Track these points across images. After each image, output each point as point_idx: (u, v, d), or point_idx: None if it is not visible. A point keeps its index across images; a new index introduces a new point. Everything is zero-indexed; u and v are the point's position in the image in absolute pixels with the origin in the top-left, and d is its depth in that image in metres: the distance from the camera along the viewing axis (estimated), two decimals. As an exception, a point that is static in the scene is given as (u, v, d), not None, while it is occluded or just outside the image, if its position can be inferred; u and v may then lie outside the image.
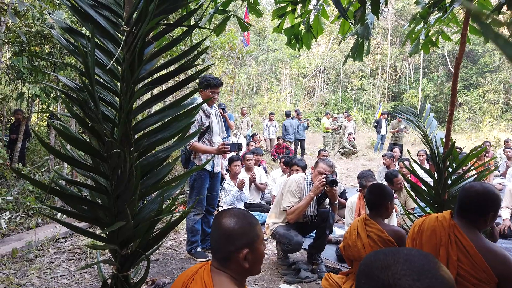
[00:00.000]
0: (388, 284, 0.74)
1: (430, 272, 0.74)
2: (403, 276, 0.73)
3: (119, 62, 1.83)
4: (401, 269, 0.75)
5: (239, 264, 1.35)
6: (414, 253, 0.78)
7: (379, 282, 0.75)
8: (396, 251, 0.80)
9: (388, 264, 0.77)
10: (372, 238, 2.47)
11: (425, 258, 0.77)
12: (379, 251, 0.82)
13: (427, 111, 3.24)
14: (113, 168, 1.70)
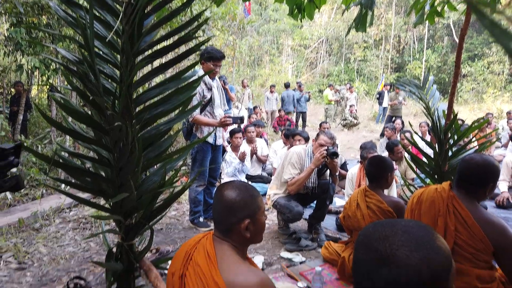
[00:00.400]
0: (386, 254, 0.76)
1: (427, 243, 0.76)
2: (401, 246, 0.75)
3: (119, 34, 1.81)
4: (398, 240, 0.77)
5: (241, 234, 1.39)
6: (412, 225, 0.80)
7: (377, 252, 0.77)
8: (394, 223, 0.81)
9: (386, 235, 0.79)
10: (371, 209, 2.52)
11: (423, 229, 0.79)
12: (377, 223, 0.84)
13: (430, 83, 3.22)
14: (115, 141, 1.72)
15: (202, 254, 1.39)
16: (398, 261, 0.74)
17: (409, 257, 0.74)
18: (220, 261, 1.34)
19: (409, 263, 0.73)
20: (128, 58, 1.65)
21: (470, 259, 1.89)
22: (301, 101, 11.94)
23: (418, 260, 0.73)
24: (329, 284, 2.52)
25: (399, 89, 11.30)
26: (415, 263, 0.73)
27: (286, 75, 22.18)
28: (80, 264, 2.97)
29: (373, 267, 0.76)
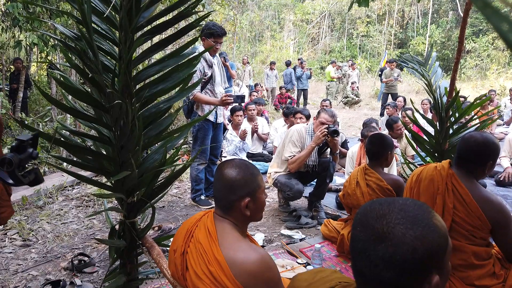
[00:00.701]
0: (383, 232, 0.77)
1: (423, 221, 0.77)
2: (397, 224, 0.76)
3: (117, 9, 1.77)
4: (395, 218, 0.78)
5: (241, 212, 1.40)
6: (409, 203, 0.81)
7: (374, 230, 0.78)
8: (391, 201, 0.82)
9: (383, 214, 0.79)
10: (371, 186, 2.53)
11: (419, 207, 0.80)
12: (375, 201, 0.85)
13: (432, 60, 3.17)
14: (115, 119, 1.71)
15: (203, 231, 1.41)
16: (394, 238, 0.75)
17: (405, 235, 0.75)
18: (220, 238, 1.37)
19: (404, 241, 0.74)
20: (126, 35, 1.63)
21: (467, 236, 1.91)
22: (303, 78, 11.83)
23: (413, 237, 0.74)
24: (328, 260, 2.57)
25: (393, 65, 11.10)
26: (410, 241, 0.74)
27: (288, 52, 21.90)
28: (83, 241, 3.02)
29: (370, 244, 0.78)
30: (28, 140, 1.00)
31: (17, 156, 0.97)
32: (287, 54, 20.73)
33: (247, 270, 1.27)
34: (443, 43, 23.03)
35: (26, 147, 1.00)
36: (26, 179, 1.00)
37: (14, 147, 0.98)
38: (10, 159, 0.94)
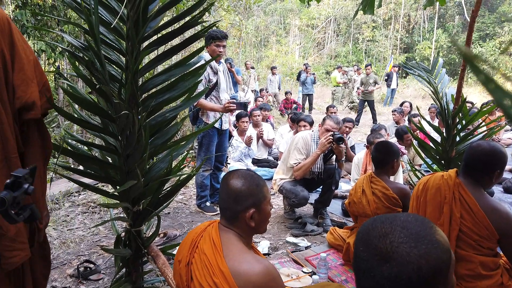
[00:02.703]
0: (387, 251, 0.76)
1: (426, 238, 0.76)
2: (401, 244, 0.76)
3: (124, 20, 1.79)
4: (398, 236, 0.77)
5: (246, 223, 1.40)
6: (410, 220, 0.80)
7: (377, 250, 0.78)
8: (393, 219, 0.81)
9: (385, 232, 0.79)
10: (377, 195, 2.52)
11: (421, 224, 0.79)
12: (376, 219, 0.84)
13: (439, 66, 3.16)
14: (122, 129, 1.72)
15: (208, 242, 1.41)
16: (399, 258, 0.75)
17: (409, 254, 0.74)
18: (225, 249, 1.37)
19: (409, 260, 0.74)
20: (133, 45, 1.64)
21: (474, 246, 1.90)
22: (307, 83, 11.80)
23: (418, 256, 0.74)
24: (333, 269, 2.55)
25: (369, 70, 10.82)
26: (415, 260, 0.74)
27: (293, 56, 21.91)
28: (89, 248, 3.03)
29: (374, 264, 0.77)
30: (24, 175, 0.98)
31: (11, 194, 0.95)
32: (293, 59, 20.74)
33: (251, 281, 1.27)
34: (450, 48, 22.92)
35: (22, 182, 0.97)
36: (21, 217, 0.97)
37: (9, 184, 0.96)
38: (2, 198, 0.92)
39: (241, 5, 11.14)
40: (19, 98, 1.15)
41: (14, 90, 1.15)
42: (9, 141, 1.13)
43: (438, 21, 23.26)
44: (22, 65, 1.17)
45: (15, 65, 1.16)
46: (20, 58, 1.17)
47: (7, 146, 1.13)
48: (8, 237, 1.13)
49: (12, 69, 1.15)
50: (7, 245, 1.13)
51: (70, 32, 5.00)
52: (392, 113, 6.15)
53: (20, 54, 1.17)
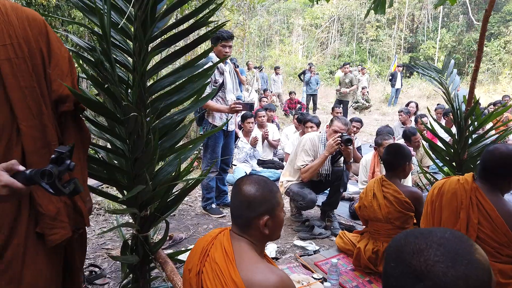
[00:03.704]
0: (420, 270, 0.70)
1: (465, 257, 0.70)
2: (437, 262, 0.70)
3: (131, 20, 1.74)
4: (434, 254, 0.71)
5: (259, 231, 1.35)
6: (447, 236, 0.74)
7: (410, 268, 0.72)
8: (428, 234, 0.75)
9: (420, 249, 0.73)
10: (388, 199, 2.46)
11: (460, 241, 0.73)
12: (409, 233, 0.78)
13: (450, 67, 3.10)
14: (130, 132, 1.67)
15: (219, 250, 1.36)
16: (434, 278, 0.69)
17: (446, 274, 0.68)
18: (238, 258, 1.31)
19: (445, 281, 0.68)
20: (141, 45, 1.59)
21: (493, 253, 1.83)
22: (311, 83, 11.72)
23: (455, 277, 0.68)
24: (344, 275, 2.50)
25: (347, 70, 10.44)
26: (451, 281, 0.68)
27: (297, 56, 21.84)
28: (94, 251, 2.99)
29: (406, 283, 0.71)
30: (66, 151, 1.02)
31: (56, 168, 1.00)
32: (296, 59, 20.67)
33: (266, 292, 1.22)
34: (454, 47, 22.80)
35: (64, 158, 1.02)
36: (67, 189, 1.01)
37: (54, 159, 1.01)
38: (50, 171, 0.97)
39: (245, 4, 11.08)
40: (55, 91, 1.25)
41: (51, 84, 1.25)
42: (49, 129, 1.23)
43: (442, 21, 23.12)
44: (57, 61, 1.27)
45: (51, 61, 1.26)
46: (56, 54, 1.27)
47: (48, 134, 1.23)
48: (48, 216, 1.21)
49: (49, 65, 1.25)
50: (47, 223, 1.21)
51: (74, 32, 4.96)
52: (399, 113, 6.08)
53: (56, 51, 1.27)
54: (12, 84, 1.14)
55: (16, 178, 0.98)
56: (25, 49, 1.17)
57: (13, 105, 1.15)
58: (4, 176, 0.96)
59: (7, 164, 0.98)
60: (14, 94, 1.14)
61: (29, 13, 1.23)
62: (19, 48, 1.15)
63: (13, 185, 0.96)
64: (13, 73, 1.14)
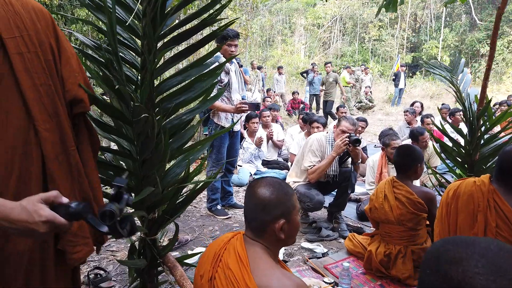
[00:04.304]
0: (457, 281, 0.65)
1: (509, 273, 0.64)
2: (476, 274, 0.64)
3: (139, 17, 1.69)
4: (474, 265, 0.66)
5: (275, 235, 1.30)
6: (493, 248, 0.68)
7: (446, 277, 0.67)
8: (470, 242, 0.70)
9: (459, 258, 0.67)
10: (400, 200, 2.40)
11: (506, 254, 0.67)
12: (449, 240, 0.73)
13: (460, 66, 3.04)
14: (138, 133, 1.62)
15: (232, 256, 1.31)
16: None
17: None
18: (252, 264, 1.26)
19: None
20: (150, 43, 1.54)
21: (511, 257, 1.78)
22: (315, 83, 11.65)
23: None
24: (355, 278, 2.44)
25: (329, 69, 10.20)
26: None
27: (299, 56, 21.79)
28: (99, 253, 2.94)
29: None
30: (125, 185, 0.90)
31: (117, 206, 0.87)
32: (298, 59, 20.61)
33: (282, 300, 1.17)
34: (457, 47, 22.71)
35: (123, 193, 0.89)
36: (124, 231, 0.89)
37: (114, 196, 0.88)
38: (112, 212, 0.85)
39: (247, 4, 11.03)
40: (69, 91, 1.11)
41: (64, 83, 1.12)
42: (67, 133, 1.10)
43: (445, 20, 23.04)
44: (68, 58, 1.14)
45: (61, 57, 1.13)
46: (65, 50, 1.14)
47: (66, 138, 1.10)
48: (70, 233, 1.09)
49: (60, 61, 1.12)
50: (69, 240, 1.09)
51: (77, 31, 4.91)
52: (404, 113, 6.02)
53: (65, 47, 1.14)
54: (26, 81, 1.00)
55: (57, 211, 0.84)
56: (36, 42, 1.04)
57: (29, 105, 1.01)
58: (45, 210, 0.82)
59: (47, 196, 0.85)
60: (30, 93, 1.01)
61: (34, 4, 1.10)
62: (30, 41, 1.02)
63: (55, 221, 0.83)
64: (26, 69, 1.01)
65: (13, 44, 0.99)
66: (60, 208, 0.85)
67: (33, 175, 1.03)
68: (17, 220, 0.80)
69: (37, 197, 0.84)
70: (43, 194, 0.85)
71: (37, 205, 0.82)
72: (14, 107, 0.99)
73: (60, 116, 1.07)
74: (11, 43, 0.98)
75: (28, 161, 1.02)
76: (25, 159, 1.01)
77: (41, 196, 0.84)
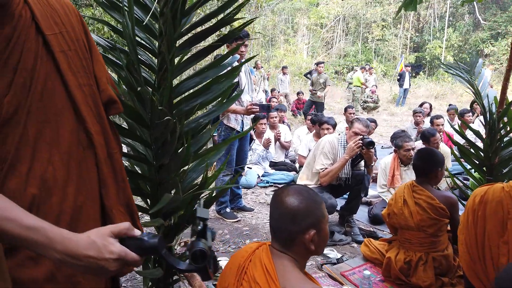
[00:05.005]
0: None
1: None
2: None
3: (156, 16, 1.62)
4: None
5: (305, 246, 1.23)
6: None
7: None
8: None
9: None
10: (421, 205, 2.33)
11: None
12: None
13: (478, 66, 2.97)
14: (156, 136, 1.55)
15: (259, 268, 1.24)
16: None
17: None
18: (281, 278, 1.19)
19: None
20: (170, 43, 1.47)
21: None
22: (319, 82, 11.56)
23: None
24: (374, 286, 2.37)
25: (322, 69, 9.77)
26: None
27: (301, 56, 21.71)
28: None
29: None
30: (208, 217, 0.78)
31: (204, 242, 0.74)
32: (301, 59, 20.53)
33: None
34: (460, 47, 22.60)
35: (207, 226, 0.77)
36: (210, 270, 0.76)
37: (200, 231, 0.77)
38: (203, 251, 0.74)
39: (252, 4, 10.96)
40: (104, 91, 1.02)
41: (98, 82, 1.03)
42: (109, 136, 1.03)
43: (449, 20, 22.93)
44: (98, 55, 1.05)
45: (93, 55, 1.04)
46: (94, 47, 1.05)
47: (109, 141, 1.03)
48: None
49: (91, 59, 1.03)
50: None
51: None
52: (415, 114, 5.93)
53: (93, 44, 1.05)
54: (73, 81, 0.93)
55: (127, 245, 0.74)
56: (74, 39, 0.96)
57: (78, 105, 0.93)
58: (116, 246, 0.72)
59: (119, 229, 0.74)
60: (77, 93, 0.93)
61: None
62: (69, 38, 0.95)
63: (127, 258, 0.73)
64: (70, 68, 0.93)
65: (56, 42, 0.91)
66: (130, 241, 0.75)
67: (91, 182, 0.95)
68: (84, 256, 0.69)
69: (107, 230, 0.74)
70: (113, 227, 0.75)
71: (108, 240, 0.72)
72: (63, 109, 0.91)
73: (103, 118, 1.00)
74: (54, 40, 0.90)
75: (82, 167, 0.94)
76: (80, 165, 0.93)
77: (112, 229, 0.74)
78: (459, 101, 13.13)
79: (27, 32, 0.84)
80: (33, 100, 0.83)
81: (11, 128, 0.80)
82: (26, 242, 0.65)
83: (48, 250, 0.66)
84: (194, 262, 0.73)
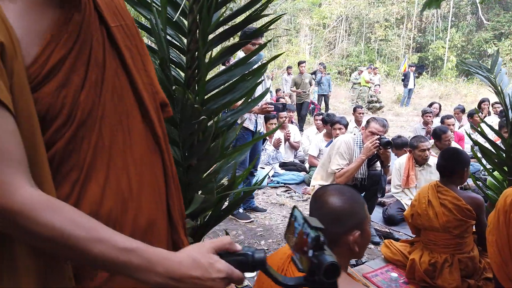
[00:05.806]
0: None
1: None
2: None
3: (184, 13, 1.59)
4: None
5: (348, 247, 1.19)
6: None
7: None
8: None
9: None
10: (446, 206, 2.29)
11: None
12: None
13: (498, 66, 2.93)
14: (185, 136, 1.52)
15: (301, 271, 1.20)
16: None
17: None
18: (325, 280, 1.15)
19: None
20: (204, 40, 1.43)
21: None
22: (323, 83, 11.52)
23: None
24: (399, 288, 2.34)
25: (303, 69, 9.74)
26: None
27: (304, 56, 21.65)
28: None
29: None
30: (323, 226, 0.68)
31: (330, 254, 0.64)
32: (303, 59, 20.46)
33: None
34: (463, 47, 22.56)
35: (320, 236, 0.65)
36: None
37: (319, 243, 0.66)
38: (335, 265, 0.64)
39: (256, 3, 10.91)
40: (158, 93, 0.92)
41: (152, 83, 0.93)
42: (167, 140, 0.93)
43: (451, 20, 22.90)
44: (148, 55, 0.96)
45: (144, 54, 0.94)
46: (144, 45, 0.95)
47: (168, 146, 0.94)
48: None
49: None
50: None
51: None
52: (426, 114, 5.88)
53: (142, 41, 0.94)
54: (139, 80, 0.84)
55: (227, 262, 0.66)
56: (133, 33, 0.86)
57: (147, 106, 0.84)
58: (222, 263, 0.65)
59: (223, 244, 0.67)
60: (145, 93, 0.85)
61: None
62: (129, 32, 0.84)
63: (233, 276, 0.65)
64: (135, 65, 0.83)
65: (120, 35, 0.81)
66: (230, 257, 0.67)
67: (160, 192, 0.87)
68: (189, 277, 0.61)
69: (209, 247, 0.66)
70: (214, 242, 0.67)
71: (212, 257, 0.65)
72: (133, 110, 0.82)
73: (162, 121, 0.91)
74: (118, 33, 0.80)
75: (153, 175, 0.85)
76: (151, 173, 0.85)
77: (213, 245, 0.66)
78: (464, 102, 13.07)
79: (94, 22, 0.75)
80: (106, 99, 0.75)
81: (87, 132, 0.72)
82: (124, 267, 0.58)
83: (149, 274, 0.59)
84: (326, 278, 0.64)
